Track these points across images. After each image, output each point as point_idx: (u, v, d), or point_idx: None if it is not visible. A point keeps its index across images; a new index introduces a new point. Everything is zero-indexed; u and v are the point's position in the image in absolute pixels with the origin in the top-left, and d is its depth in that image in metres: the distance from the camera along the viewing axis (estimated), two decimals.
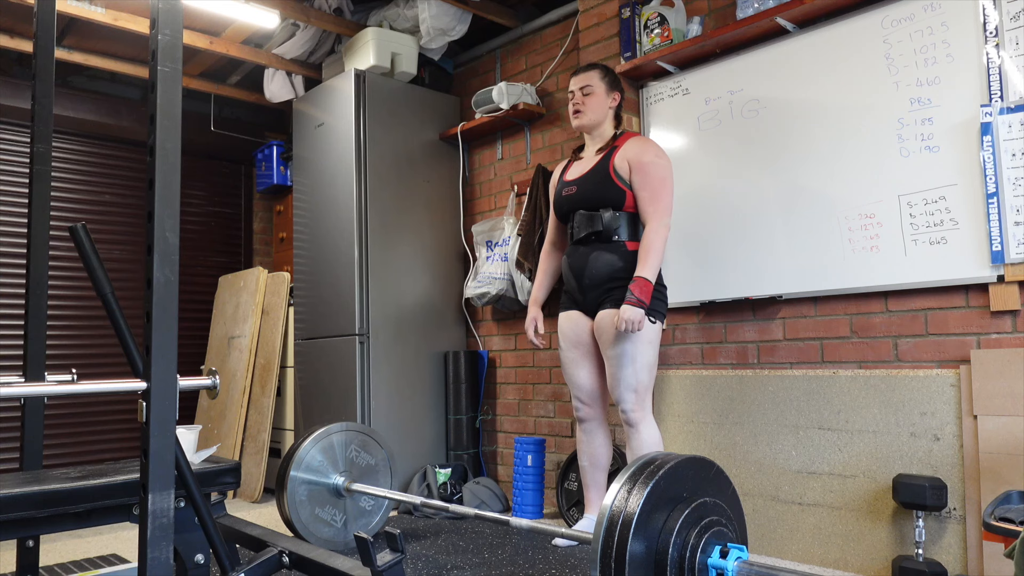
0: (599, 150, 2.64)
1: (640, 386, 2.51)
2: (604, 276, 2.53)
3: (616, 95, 2.67)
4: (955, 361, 2.29)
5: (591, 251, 2.56)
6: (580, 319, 2.64)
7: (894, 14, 2.42)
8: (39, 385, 1.82)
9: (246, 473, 3.93)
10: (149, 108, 1.21)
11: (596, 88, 2.63)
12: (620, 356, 2.49)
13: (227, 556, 1.63)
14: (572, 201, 2.63)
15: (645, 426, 2.52)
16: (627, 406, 2.51)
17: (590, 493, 2.73)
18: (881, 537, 2.35)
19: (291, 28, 3.95)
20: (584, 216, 2.57)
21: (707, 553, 1.38)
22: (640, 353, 2.48)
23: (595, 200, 2.56)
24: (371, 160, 3.58)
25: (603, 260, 2.53)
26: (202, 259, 4.98)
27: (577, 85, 2.66)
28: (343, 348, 3.52)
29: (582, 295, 2.61)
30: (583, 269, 2.57)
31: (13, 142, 4.24)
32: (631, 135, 2.64)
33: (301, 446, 2.63)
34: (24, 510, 1.50)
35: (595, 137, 2.68)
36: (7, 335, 4.08)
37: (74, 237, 1.37)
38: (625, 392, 2.50)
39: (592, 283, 2.56)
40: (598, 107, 2.64)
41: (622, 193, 2.52)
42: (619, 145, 2.60)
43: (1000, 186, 2.17)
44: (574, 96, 2.67)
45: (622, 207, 2.53)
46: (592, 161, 2.63)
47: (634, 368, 2.48)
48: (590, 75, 2.66)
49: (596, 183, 2.56)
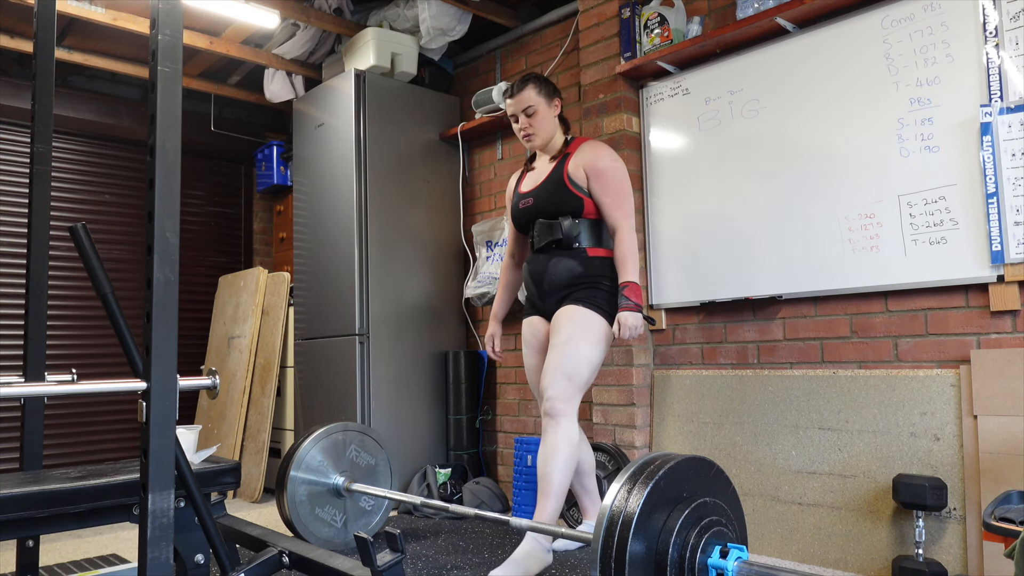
0: (552, 158, 2.59)
1: (576, 376, 2.37)
2: (564, 281, 2.48)
3: (556, 101, 2.60)
4: (955, 361, 2.29)
5: (551, 258, 2.51)
6: (540, 325, 2.59)
7: (894, 14, 2.42)
8: (39, 385, 1.82)
9: (246, 473, 3.93)
10: (149, 108, 1.21)
11: (537, 104, 2.55)
12: (564, 344, 2.38)
13: (227, 556, 1.63)
14: (530, 212, 2.58)
15: (566, 421, 2.36)
16: (554, 391, 2.36)
17: (583, 501, 2.70)
18: (881, 537, 2.35)
19: (291, 28, 3.95)
20: (544, 224, 2.53)
21: (707, 553, 1.38)
22: (586, 347, 2.39)
23: (553, 210, 2.51)
24: (371, 160, 3.58)
25: (563, 266, 2.48)
26: (202, 259, 4.98)
27: (519, 108, 2.57)
28: (343, 348, 3.52)
29: (542, 301, 2.56)
30: (543, 275, 2.53)
31: (13, 142, 4.24)
32: (580, 140, 2.59)
33: (301, 446, 2.63)
34: (24, 510, 1.50)
35: (547, 148, 2.63)
36: (7, 335, 4.08)
37: (74, 237, 1.37)
38: (558, 378, 2.36)
39: (552, 288, 2.51)
40: (546, 123, 2.57)
41: (580, 201, 2.48)
42: (571, 152, 2.55)
43: (1000, 186, 2.17)
44: (518, 120, 2.59)
45: (581, 214, 2.48)
46: (546, 171, 2.58)
47: (576, 359, 2.37)
48: (526, 94, 2.55)
49: (552, 193, 2.51)
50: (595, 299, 2.43)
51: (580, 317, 2.41)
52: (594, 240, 2.50)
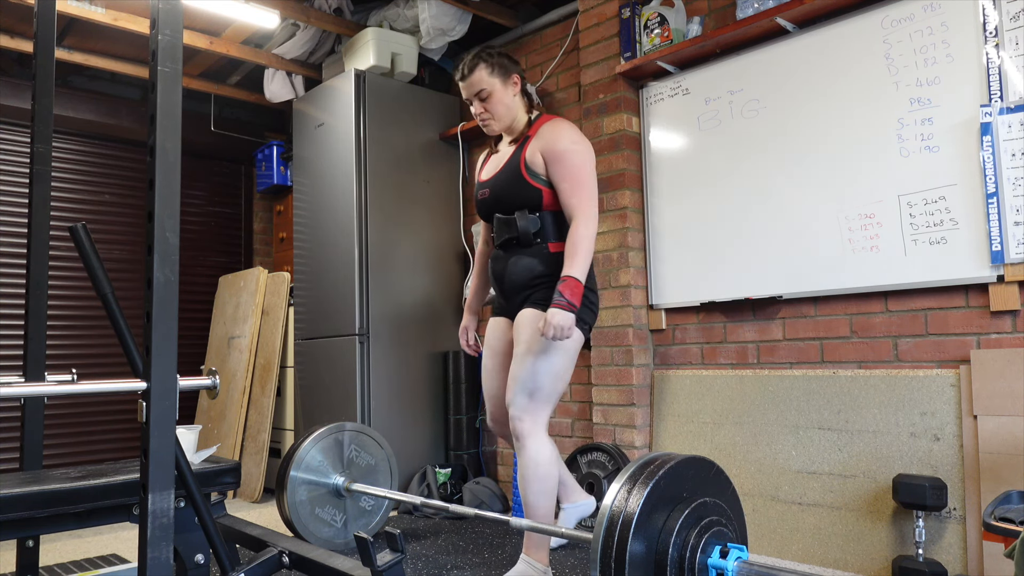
0: (512, 141, 2.36)
1: (537, 392, 2.18)
2: (523, 282, 2.29)
3: (515, 77, 2.34)
4: (955, 361, 2.29)
5: (510, 256, 2.32)
6: (504, 326, 2.43)
7: (894, 14, 2.42)
8: (39, 385, 1.82)
9: (246, 473, 3.93)
10: (149, 108, 1.21)
11: (491, 86, 2.30)
12: (523, 355, 2.20)
13: (227, 556, 1.63)
14: (487, 205, 2.38)
15: (532, 441, 2.18)
16: (515, 411, 2.19)
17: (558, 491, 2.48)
18: (881, 537, 2.35)
19: (291, 28, 3.95)
20: (501, 221, 2.33)
21: (707, 553, 1.38)
22: (548, 357, 2.18)
23: (509, 203, 2.29)
24: (371, 160, 3.58)
25: (522, 265, 2.29)
26: (202, 259, 4.98)
27: (471, 93, 2.33)
28: (343, 348, 3.52)
29: (506, 301, 2.38)
30: (503, 274, 2.34)
31: (13, 142, 4.24)
32: (546, 118, 2.33)
33: (301, 446, 2.63)
34: (24, 510, 1.50)
35: (510, 130, 2.38)
36: (7, 335, 4.08)
37: (74, 237, 1.37)
38: (517, 394, 2.19)
39: (512, 289, 2.32)
40: (503, 106, 2.32)
41: (537, 192, 2.24)
42: (531, 135, 2.30)
43: (1000, 186, 2.17)
44: (473, 106, 2.35)
45: (540, 207, 2.25)
46: (504, 157, 2.35)
47: (534, 372, 2.18)
48: (477, 76, 2.30)
49: (508, 184, 2.29)
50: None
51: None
52: (556, 234, 2.28)
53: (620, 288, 3.06)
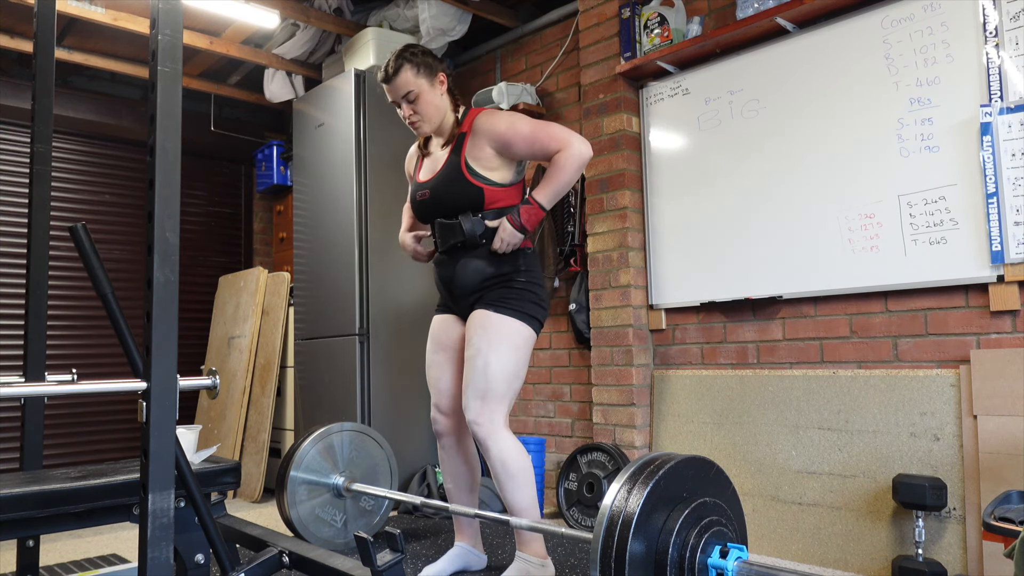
0: (445, 143, 2.31)
1: (490, 394, 2.17)
2: (473, 285, 2.26)
3: (441, 76, 2.28)
4: (955, 361, 2.29)
5: (457, 260, 2.28)
6: (453, 322, 2.38)
7: (894, 14, 2.42)
8: (39, 385, 1.82)
9: (246, 473, 3.93)
10: (149, 108, 1.21)
11: (418, 87, 2.24)
12: (474, 359, 2.19)
13: (227, 556, 1.63)
14: (427, 208, 2.32)
15: (494, 442, 2.16)
16: (471, 415, 2.18)
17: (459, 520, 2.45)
18: (881, 537, 2.35)
19: (291, 28, 3.95)
20: (444, 226, 2.28)
21: (707, 553, 1.38)
22: (497, 358, 2.17)
23: (451, 205, 2.25)
24: (371, 160, 3.58)
25: (471, 268, 2.26)
26: (202, 259, 4.98)
27: (397, 95, 2.26)
28: (343, 348, 3.52)
29: (455, 303, 2.36)
30: (451, 280, 2.31)
31: (13, 142, 4.25)
32: (474, 113, 2.29)
33: (301, 446, 2.63)
34: (24, 510, 1.50)
35: (439, 131, 2.33)
36: (7, 335, 4.08)
37: (74, 237, 1.37)
38: (471, 398, 2.18)
39: (462, 292, 2.29)
40: (431, 107, 2.27)
41: (479, 191, 2.21)
42: (466, 133, 2.26)
43: (1000, 186, 2.17)
44: (401, 108, 2.29)
45: (482, 206, 2.23)
46: (442, 158, 2.30)
47: (486, 374, 2.16)
48: (403, 78, 2.23)
49: (449, 186, 2.24)
50: (507, 300, 2.22)
51: (491, 325, 2.20)
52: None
53: (620, 288, 3.06)
